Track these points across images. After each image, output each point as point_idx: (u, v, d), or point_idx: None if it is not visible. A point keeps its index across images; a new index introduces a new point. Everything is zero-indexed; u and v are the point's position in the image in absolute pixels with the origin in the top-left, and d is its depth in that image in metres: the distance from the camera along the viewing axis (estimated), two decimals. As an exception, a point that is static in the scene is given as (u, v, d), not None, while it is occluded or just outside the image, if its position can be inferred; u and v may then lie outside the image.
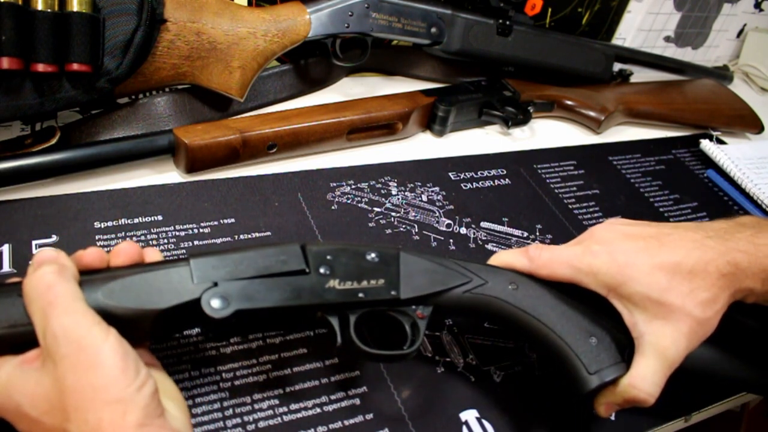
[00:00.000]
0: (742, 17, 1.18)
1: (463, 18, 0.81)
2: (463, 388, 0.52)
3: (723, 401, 0.57)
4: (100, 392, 0.34)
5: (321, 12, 0.73)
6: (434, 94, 0.80)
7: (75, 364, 0.34)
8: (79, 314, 0.35)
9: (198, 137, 0.62)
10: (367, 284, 0.44)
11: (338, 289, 0.43)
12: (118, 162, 0.61)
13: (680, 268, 0.45)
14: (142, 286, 0.39)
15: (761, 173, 0.85)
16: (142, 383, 0.35)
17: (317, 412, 0.48)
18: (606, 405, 0.46)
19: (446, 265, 0.47)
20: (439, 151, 0.79)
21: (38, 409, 0.35)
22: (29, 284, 0.36)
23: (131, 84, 0.63)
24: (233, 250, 0.43)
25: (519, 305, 0.47)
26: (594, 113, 0.90)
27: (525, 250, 0.50)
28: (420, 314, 0.46)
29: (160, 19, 0.62)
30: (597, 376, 0.45)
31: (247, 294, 0.41)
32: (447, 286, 0.46)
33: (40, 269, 0.37)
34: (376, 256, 0.45)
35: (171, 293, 0.40)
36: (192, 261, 0.41)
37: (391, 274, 0.45)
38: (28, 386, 0.35)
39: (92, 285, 0.38)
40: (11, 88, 0.56)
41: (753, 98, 1.08)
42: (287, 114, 0.69)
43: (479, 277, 0.47)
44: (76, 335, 0.34)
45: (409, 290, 0.45)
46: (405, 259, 0.46)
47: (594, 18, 1.01)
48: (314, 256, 0.44)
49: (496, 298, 0.47)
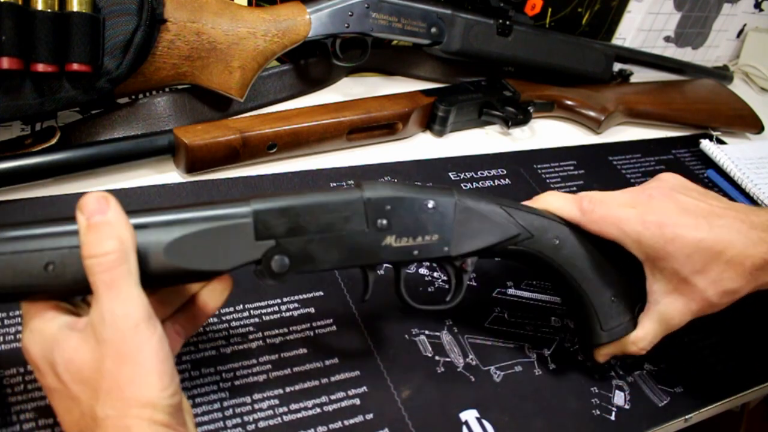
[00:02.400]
0: (742, 17, 1.18)
1: (463, 18, 0.81)
2: (463, 388, 0.52)
3: (723, 401, 0.57)
4: (134, 388, 0.34)
5: (321, 12, 0.73)
6: (434, 94, 0.80)
7: (116, 353, 0.34)
8: (132, 306, 0.35)
9: (198, 137, 0.62)
10: (421, 240, 0.45)
11: (394, 247, 0.44)
12: (118, 162, 0.61)
13: (720, 256, 0.47)
14: (206, 244, 0.38)
15: (761, 173, 0.85)
16: (174, 392, 0.35)
17: (317, 412, 0.48)
18: (605, 355, 0.53)
19: (497, 216, 0.47)
20: (439, 151, 0.79)
21: (70, 374, 0.35)
22: (91, 250, 0.35)
23: (131, 84, 0.63)
24: (295, 194, 0.42)
25: (556, 260, 0.49)
26: (594, 113, 0.90)
27: (579, 199, 0.50)
28: (465, 267, 0.47)
29: (160, 19, 0.62)
30: (608, 333, 0.51)
31: (307, 254, 0.41)
32: (495, 242, 0.47)
33: (106, 244, 0.35)
34: (434, 205, 0.45)
35: (234, 254, 0.39)
36: (254, 210, 0.40)
37: (445, 228, 0.45)
38: (68, 349, 0.35)
39: (154, 233, 0.37)
40: (11, 88, 0.56)
41: (753, 98, 1.08)
42: (287, 114, 0.69)
43: (527, 231, 0.48)
44: (124, 326, 0.34)
45: (460, 246, 0.46)
46: (461, 207, 0.46)
47: (594, 18, 1.01)
48: (374, 206, 0.43)
49: (538, 252, 0.49)
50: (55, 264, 0.35)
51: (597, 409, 0.53)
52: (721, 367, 0.60)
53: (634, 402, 0.54)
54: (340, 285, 0.58)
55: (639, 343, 0.51)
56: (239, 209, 0.40)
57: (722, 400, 0.57)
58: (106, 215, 0.35)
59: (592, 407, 0.53)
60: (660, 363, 0.58)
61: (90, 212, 0.35)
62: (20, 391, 0.44)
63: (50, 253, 0.35)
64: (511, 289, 0.62)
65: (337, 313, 0.55)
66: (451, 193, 0.46)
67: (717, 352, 0.61)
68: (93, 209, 0.35)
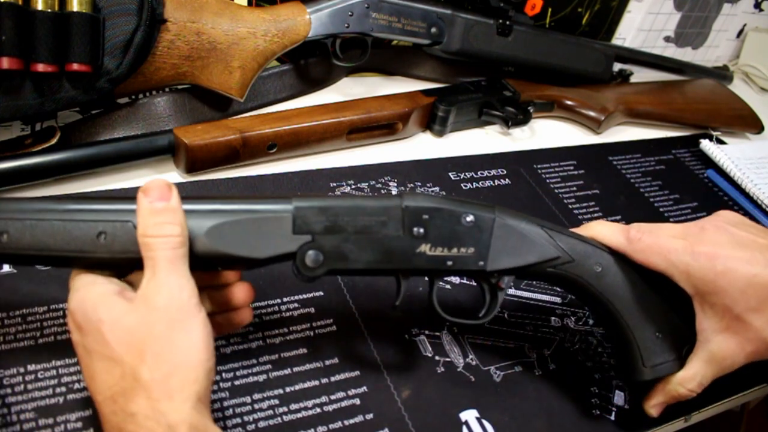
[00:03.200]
0: (742, 17, 1.18)
1: (463, 18, 0.81)
2: (463, 388, 0.52)
3: (723, 401, 0.57)
4: (181, 353, 0.36)
5: (321, 12, 0.73)
6: (434, 94, 0.80)
7: (169, 319, 0.36)
8: (187, 282, 0.37)
9: (198, 137, 0.62)
10: (457, 252, 0.45)
11: (428, 255, 0.44)
12: (118, 162, 0.61)
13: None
14: (245, 232, 0.41)
15: (761, 173, 0.85)
16: (212, 368, 0.37)
17: (317, 412, 0.48)
18: (657, 406, 0.50)
19: (537, 236, 0.47)
20: (439, 151, 0.79)
21: (115, 335, 0.36)
22: (152, 231, 0.38)
23: (131, 84, 0.63)
24: (336, 197, 0.44)
25: (598, 288, 0.48)
26: (594, 113, 0.90)
27: (627, 228, 0.49)
28: (501, 285, 0.47)
29: (160, 19, 0.62)
30: (651, 370, 0.48)
31: (341, 253, 0.43)
32: (533, 261, 0.46)
33: (168, 228, 0.38)
34: (472, 219, 0.45)
35: (271, 244, 0.41)
36: (295, 206, 0.42)
37: (482, 243, 0.45)
38: (116, 311, 0.37)
39: (199, 218, 0.40)
40: (11, 88, 0.56)
41: (753, 98, 1.08)
42: (287, 114, 0.69)
43: (567, 254, 0.47)
44: (180, 297, 0.37)
45: (497, 262, 0.46)
46: (500, 224, 0.46)
47: (594, 18, 1.01)
48: (411, 214, 0.44)
49: (578, 277, 0.48)
50: (107, 234, 0.39)
51: (597, 409, 0.53)
52: (721, 367, 0.60)
53: (634, 402, 0.54)
54: (340, 285, 0.58)
55: (687, 384, 0.47)
56: (281, 205, 0.42)
57: (722, 400, 0.57)
58: (170, 202, 0.38)
59: (592, 407, 0.53)
60: (660, 363, 0.58)
61: (154, 197, 0.38)
62: (20, 391, 0.44)
63: (104, 224, 0.39)
64: (511, 289, 0.62)
65: (337, 313, 0.55)
66: (492, 209, 0.46)
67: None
68: (157, 195, 0.38)
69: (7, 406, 0.43)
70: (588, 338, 0.58)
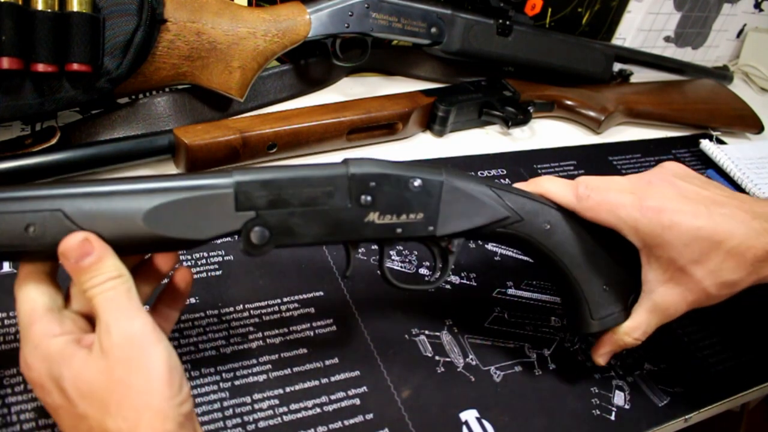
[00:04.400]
0: (742, 17, 1.18)
1: (463, 18, 0.81)
2: (463, 388, 0.52)
3: (723, 401, 0.57)
4: (144, 395, 0.34)
5: (321, 12, 0.73)
6: (434, 94, 0.80)
7: (125, 360, 0.35)
8: (137, 318, 0.36)
9: (198, 137, 0.62)
10: (406, 218, 0.44)
11: (377, 223, 0.43)
12: (118, 162, 0.61)
13: (720, 246, 0.45)
14: (185, 213, 0.39)
15: (761, 173, 0.85)
16: (183, 400, 0.36)
17: (317, 412, 0.48)
18: (604, 355, 0.52)
19: (487, 197, 0.46)
20: (439, 151, 0.79)
21: (77, 390, 0.35)
22: (88, 285, 0.37)
23: (131, 84, 0.63)
24: (279, 168, 0.42)
25: (547, 246, 0.48)
26: (594, 113, 0.90)
27: (575, 184, 0.49)
28: (451, 248, 0.47)
29: (160, 19, 0.62)
30: (599, 322, 0.50)
31: (288, 228, 0.41)
32: (482, 223, 0.46)
33: (101, 278, 0.36)
34: (420, 184, 0.44)
35: (213, 224, 0.39)
36: (236, 181, 0.40)
37: (431, 207, 0.45)
38: (76, 363, 0.36)
39: (136, 200, 0.38)
40: (11, 88, 0.56)
41: (753, 98, 1.08)
42: (287, 114, 0.69)
43: (516, 214, 0.47)
44: (131, 335, 0.35)
45: (446, 226, 0.45)
46: (448, 187, 0.45)
47: (594, 18, 1.01)
48: (358, 182, 0.43)
49: (527, 236, 0.48)
50: (35, 226, 0.36)
51: (597, 409, 0.53)
52: (721, 366, 0.60)
53: (634, 402, 0.54)
54: (340, 285, 0.58)
55: (632, 334, 0.49)
56: (221, 180, 0.40)
57: (722, 400, 0.57)
58: (93, 255, 0.37)
59: (592, 407, 0.53)
60: (660, 363, 0.58)
61: (75, 257, 0.36)
62: (20, 391, 0.44)
63: (31, 215, 0.36)
64: (511, 289, 0.62)
65: (337, 313, 0.55)
66: (440, 172, 0.45)
67: (717, 352, 0.61)
68: (77, 254, 0.36)
69: (7, 406, 0.43)
70: (588, 338, 0.58)
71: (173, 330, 0.48)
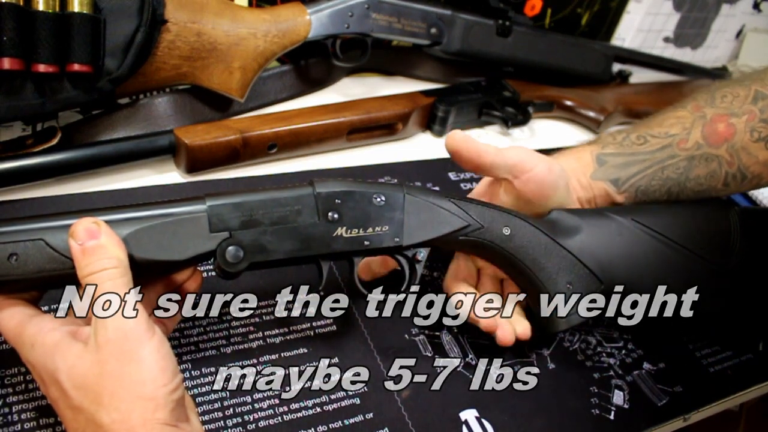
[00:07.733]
0: (741, 18, 1.19)
1: (463, 18, 0.81)
2: (463, 388, 0.52)
3: (722, 401, 0.57)
4: (136, 386, 0.35)
5: (321, 12, 0.73)
6: (434, 95, 0.80)
7: (118, 353, 0.36)
8: (132, 312, 0.37)
9: (198, 137, 0.63)
10: (372, 231, 0.47)
11: (345, 237, 0.46)
12: (118, 162, 0.61)
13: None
14: (164, 236, 0.41)
15: (760, 174, 0.85)
16: (175, 387, 0.37)
17: (317, 412, 0.48)
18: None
19: (447, 208, 0.49)
20: (439, 152, 0.79)
21: (72, 382, 0.36)
22: (88, 270, 0.38)
23: (132, 84, 0.63)
24: (249, 191, 0.44)
25: (510, 250, 0.50)
26: (593, 114, 0.90)
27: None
28: (417, 258, 0.49)
29: (161, 19, 0.62)
30: (566, 320, 0.52)
31: (260, 246, 0.43)
32: (446, 231, 0.49)
33: (103, 263, 0.38)
34: (383, 199, 0.47)
35: (189, 245, 0.42)
36: (209, 206, 0.43)
37: (396, 220, 0.47)
38: (70, 355, 0.37)
39: (114, 228, 0.40)
40: (12, 89, 0.56)
41: (752, 99, 1.08)
42: (287, 114, 0.69)
43: (477, 221, 0.49)
44: (125, 327, 0.36)
45: (412, 237, 0.48)
46: (409, 201, 0.48)
47: (593, 19, 1.01)
48: (324, 200, 0.45)
49: (489, 242, 0.50)
50: (18, 255, 0.38)
51: (596, 409, 0.53)
52: (720, 366, 0.60)
53: (633, 401, 0.54)
54: (340, 285, 0.58)
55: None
56: (195, 206, 0.43)
57: (721, 400, 0.57)
58: (99, 240, 0.38)
59: (591, 407, 0.53)
60: (659, 363, 0.58)
61: (83, 239, 0.38)
62: (21, 391, 0.44)
63: (13, 245, 0.38)
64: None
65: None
66: (400, 188, 0.48)
67: (716, 351, 0.61)
68: (85, 236, 0.38)
69: (8, 406, 0.43)
70: (588, 338, 0.59)
71: (174, 330, 0.48)
